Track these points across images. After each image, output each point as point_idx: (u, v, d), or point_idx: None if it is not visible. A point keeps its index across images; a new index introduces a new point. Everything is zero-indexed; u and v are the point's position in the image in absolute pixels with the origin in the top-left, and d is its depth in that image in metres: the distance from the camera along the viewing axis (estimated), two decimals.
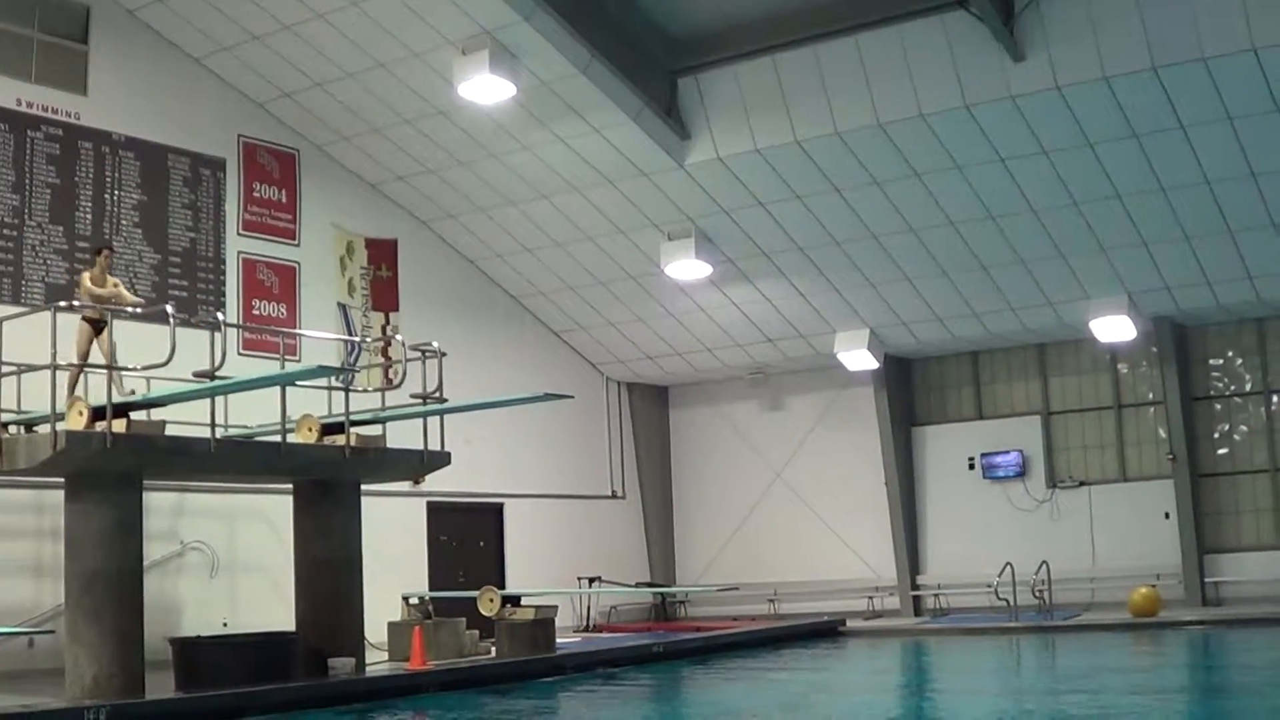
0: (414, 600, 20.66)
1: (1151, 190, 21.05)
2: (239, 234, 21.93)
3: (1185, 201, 21.16)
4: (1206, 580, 24.82)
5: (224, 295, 21.53)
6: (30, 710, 13.67)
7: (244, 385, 15.98)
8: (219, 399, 16.35)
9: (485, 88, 20.10)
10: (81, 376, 16.04)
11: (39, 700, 14.39)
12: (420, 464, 18.79)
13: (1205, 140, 19.85)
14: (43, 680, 16.10)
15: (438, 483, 22.17)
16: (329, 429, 17.45)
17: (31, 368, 15.91)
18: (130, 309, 16.71)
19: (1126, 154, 20.40)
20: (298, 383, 17.37)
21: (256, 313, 21.94)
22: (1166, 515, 25.27)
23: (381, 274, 24.22)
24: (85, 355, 16.16)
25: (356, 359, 23.03)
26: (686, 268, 24.37)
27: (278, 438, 16.85)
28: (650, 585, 28.97)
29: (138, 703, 14.63)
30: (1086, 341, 25.82)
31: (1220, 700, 15.28)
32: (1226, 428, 25.52)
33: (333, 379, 18.48)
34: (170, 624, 18.93)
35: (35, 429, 15.86)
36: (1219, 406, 25.62)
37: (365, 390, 20.46)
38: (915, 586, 27.54)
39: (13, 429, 16.17)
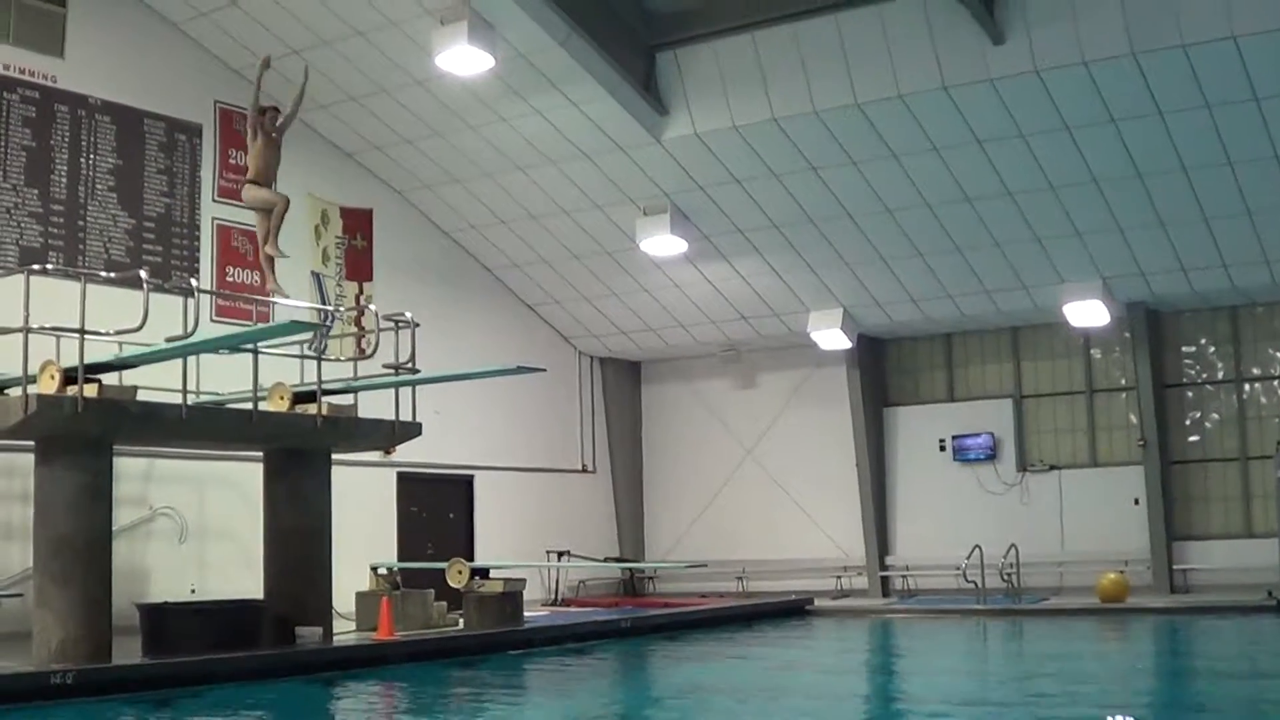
0: (382, 571, 20.66)
1: (1128, 176, 21.07)
2: (214, 200, 21.79)
3: (1161, 187, 21.19)
4: (1175, 567, 24.90)
5: (198, 261, 21.43)
6: None
7: (216, 343, 15.92)
8: (190, 367, 16.27)
9: (463, 59, 19.96)
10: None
11: (5, 664, 14.35)
12: (391, 434, 18.75)
13: (1183, 127, 19.86)
14: (9, 644, 16.01)
15: (408, 453, 22.18)
16: (300, 398, 17.39)
17: (3, 330, 15.78)
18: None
19: (1103, 139, 20.41)
20: (271, 345, 17.34)
21: (230, 279, 21.84)
22: (1136, 501, 25.33)
23: (356, 244, 24.14)
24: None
25: (330, 328, 22.96)
26: (662, 243, 24.34)
27: (249, 405, 16.80)
28: (619, 560, 29.01)
29: (104, 668, 14.58)
30: (1060, 325, 25.83)
31: (1185, 686, 15.40)
32: (1198, 415, 25.59)
33: (305, 347, 18.42)
34: (138, 590, 18.91)
35: (6, 392, 15.77)
36: (1191, 394, 25.68)
37: (338, 359, 20.40)
38: (884, 567, 27.60)
39: None
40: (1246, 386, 25.22)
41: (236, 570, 19.99)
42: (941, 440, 27.58)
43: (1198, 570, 24.92)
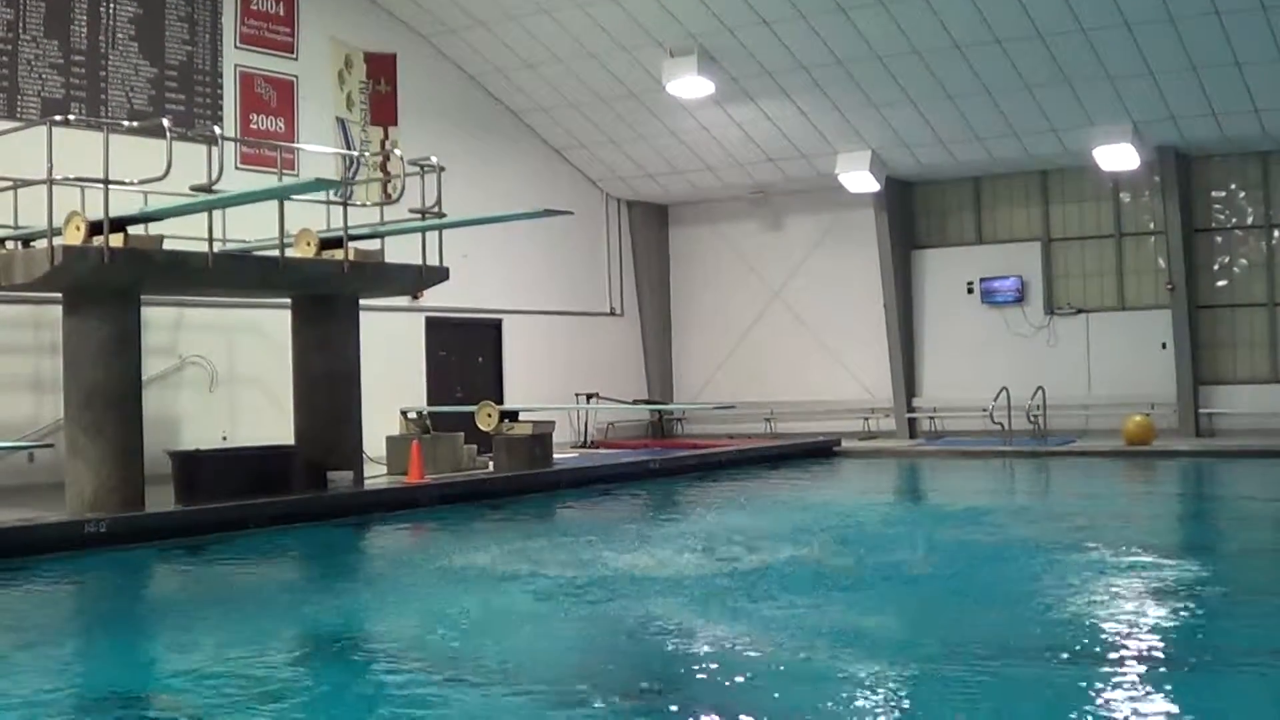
0: (412, 415, 20.84)
1: (1160, 19, 20.72)
2: (236, 47, 21.66)
3: (1194, 31, 20.84)
4: (1200, 411, 24.97)
5: (221, 109, 21.34)
6: (31, 523, 13.89)
7: (241, 198, 15.82)
8: (217, 213, 16.30)
9: None
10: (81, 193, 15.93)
11: (40, 514, 14.58)
12: (418, 279, 18.80)
13: None
14: (43, 494, 16.26)
15: (436, 298, 22.30)
16: (327, 244, 17.38)
17: (28, 183, 15.82)
18: None
19: None
20: (295, 197, 17.31)
21: (254, 127, 21.78)
22: (1163, 345, 25.36)
23: (381, 88, 23.99)
24: None
25: (355, 173, 22.93)
26: (689, 85, 24.12)
27: (276, 252, 16.82)
28: (648, 403, 29.23)
29: (137, 515, 14.79)
30: (1089, 169, 25.57)
31: (1202, 527, 15.55)
32: (1226, 260, 25.42)
33: (331, 193, 18.39)
34: (169, 437, 19.13)
35: (32, 244, 15.83)
36: (1219, 239, 25.49)
37: (364, 205, 20.45)
38: (911, 409, 27.74)
39: (10, 244, 16.13)
40: (1275, 232, 24.99)
41: (267, 416, 20.24)
42: (969, 283, 27.53)
43: (1223, 414, 24.98)
